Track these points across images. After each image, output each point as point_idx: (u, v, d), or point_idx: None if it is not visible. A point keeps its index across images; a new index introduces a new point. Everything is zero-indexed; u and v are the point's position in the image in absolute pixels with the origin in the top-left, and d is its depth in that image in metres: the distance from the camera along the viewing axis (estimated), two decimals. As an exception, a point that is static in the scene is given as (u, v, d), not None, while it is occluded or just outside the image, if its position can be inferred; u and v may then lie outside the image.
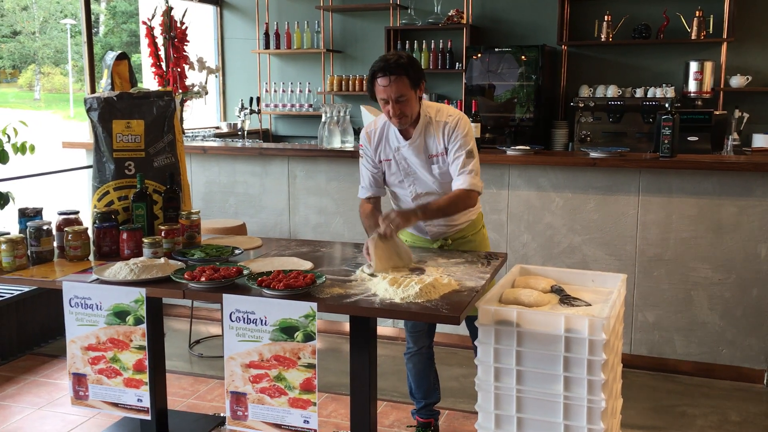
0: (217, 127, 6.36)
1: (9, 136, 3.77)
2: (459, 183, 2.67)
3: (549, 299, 2.36)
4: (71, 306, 2.34)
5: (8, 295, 4.05)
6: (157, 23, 4.59)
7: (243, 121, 5.10)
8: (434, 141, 2.70)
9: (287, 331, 2.13)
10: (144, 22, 4.59)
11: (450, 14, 6.07)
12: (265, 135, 6.93)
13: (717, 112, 4.86)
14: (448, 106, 2.80)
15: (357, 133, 5.61)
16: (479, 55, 5.80)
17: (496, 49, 5.79)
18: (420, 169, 2.75)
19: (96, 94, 2.84)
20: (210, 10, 6.88)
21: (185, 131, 5.15)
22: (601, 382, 2.05)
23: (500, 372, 2.16)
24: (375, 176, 2.84)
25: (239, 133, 5.23)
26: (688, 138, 4.57)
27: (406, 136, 2.72)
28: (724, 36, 5.44)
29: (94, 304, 2.32)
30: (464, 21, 6.06)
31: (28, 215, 2.68)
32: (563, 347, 2.07)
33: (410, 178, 2.78)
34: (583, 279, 2.57)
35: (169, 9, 4.58)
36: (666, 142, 3.69)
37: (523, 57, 5.69)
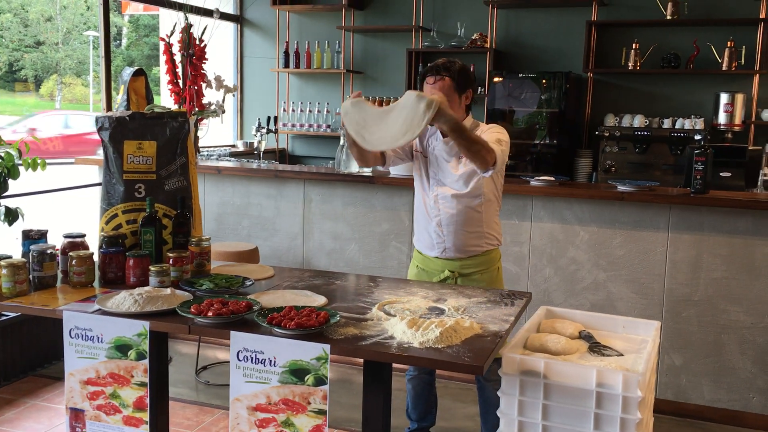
0: (233, 146, 6.26)
1: (20, 152, 3.68)
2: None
3: (577, 346, 2.21)
4: (71, 337, 2.22)
5: (12, 314, 3.95)
6: (175, 40, 4.50)
7: (259, 141, 5.00)
8: None
9: (297, 373, 1.99)
10: (162, 39, 4.51)
11: (473, 38, 5.96)
12: (282, 154, 6.83)
13: (751, 147, 4.69)
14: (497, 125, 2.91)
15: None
16: (501, 78, 5.68)
17: (520, 75, 5.67)
18: (446, 167, 2.87)
19: (107, 113, 2.73)
20: (230, 27, 6.82)
21: (200, 150, 5.05)
22: (634, 443, 1.89)
23: (524, 426, 2.01)
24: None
25: (255, 152, 5.12)
26: (720, 173, 4.41)
27: (445, 135, 2.85)
28: (757, 68, 5.28)
29: (95, 336, 2.20)
30: (488, 45, 5.95)
31: (32, 238, 2.57)
32: (594, 403, 1.91)
33: (436, 177, 2.89)
34: (612, 324, 2.42)
35: (189, 26, 4.50)
36: (698, 177, 3.53)
37: (545, 82, 5.56)
